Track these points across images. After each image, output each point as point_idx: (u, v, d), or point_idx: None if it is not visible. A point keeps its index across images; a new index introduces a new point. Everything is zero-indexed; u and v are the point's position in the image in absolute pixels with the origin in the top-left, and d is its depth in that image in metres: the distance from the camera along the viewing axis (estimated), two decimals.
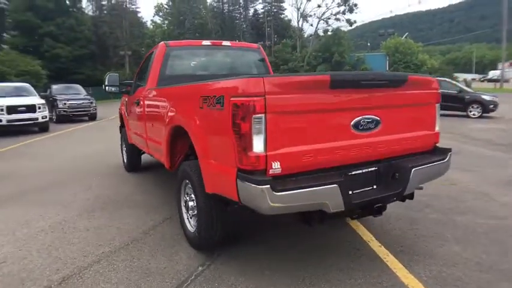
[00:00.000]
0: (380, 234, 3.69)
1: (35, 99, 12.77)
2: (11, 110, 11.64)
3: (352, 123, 2.58)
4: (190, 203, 3.33)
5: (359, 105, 2.60)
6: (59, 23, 42.52)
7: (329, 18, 45.21)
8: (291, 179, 2.40)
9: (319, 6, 45.65)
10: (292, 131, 2.37)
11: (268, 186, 2.21)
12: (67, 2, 45.83)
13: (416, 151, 3.08)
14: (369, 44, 60.42)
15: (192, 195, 3.24)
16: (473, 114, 14.60)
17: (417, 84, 2.97)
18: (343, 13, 44.34)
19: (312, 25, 48.19)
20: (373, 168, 2.79)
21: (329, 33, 43.89)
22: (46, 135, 12.11)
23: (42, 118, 12.51)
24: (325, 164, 2.54)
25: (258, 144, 2.27)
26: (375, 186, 2.81)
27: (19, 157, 8.40)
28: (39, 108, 12.39)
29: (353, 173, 2.68)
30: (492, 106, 14.56)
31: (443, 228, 3.79)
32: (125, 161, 6.71)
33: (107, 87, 5.54)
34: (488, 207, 4.40)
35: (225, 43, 5.18)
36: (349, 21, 44.35)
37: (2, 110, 11.51)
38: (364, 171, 2.74)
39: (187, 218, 3.46)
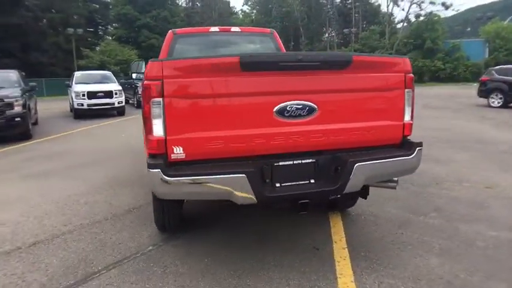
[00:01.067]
0: (355, 234, 3.36)
1: (113, 86, 14.20)
2: (91, 95, 13.13)
3: (275, 109, 2.36)
4: None
5: (284, 89, 2.37)
6: (155, 15, 46.28)
7: (422, 2, 41.18)
8: (196, 165, 2.32)
9: None
10: (198, 116, 2.28)
11: (159, 170, 2.17)
12: None
13: (376, 144, 2.69)
14: (468, 29, 53.62)
15: None
16: None
17: (370, 67, 2.56)
18: None
19: (403, 9, 44.49)
20: (309, 160, 2.54)
21: (421, 18, 40.00)
22: (119, 119, 13.41)
23: (118, 103, 13.88)
24: (244, 152, 2.39)
25: (158, 128, 2.25)
26: (312, 181, 2.55)
27: (81, 137, 9.48)
28: (116, 94, 13.76)
29: (280, 163, 2.47)
30: None
31: (435, 237, 3.28)
32: None
33: (133, 74, 5.91)
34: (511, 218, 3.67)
35: (234, 29, 5.12)
36: (444, 5, 39.80)
37: (83, 95, 13.07)
38: (295, 162, 2.50)
39: None
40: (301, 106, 2.40)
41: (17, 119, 8.41)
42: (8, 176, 5.60)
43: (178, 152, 2.27)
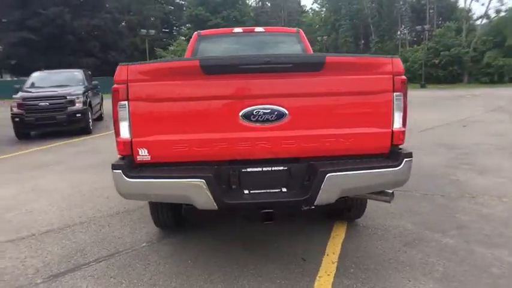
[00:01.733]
0: (353, 248, 3.13)
1: None
2: None
3: (241, 113, 2.28)
4: None
5: (251, 93, 2.28)
6: (225, 15, 47.84)
7: None
8: (160, 168, 2.34)
9: None
10: (162, 119, 2.30)
11: (120, 171, 2.23)
12: None
13: (359, 153, 2.46)
14: None
15: None
16: None
17: (348, 68, 2.35)
18: None
19: (483, 4, 40.22)
20: (280, 168, 2.42)
21: (502, 13, 35.87)
22: None
23: None
24: (209, 157, 2.35)
25: (124, 131, 2.31)
26: (284, 189, 2.43)
27: None
28: None
29: (248, 170, 2.39)
30: None
31: (443, 259, 2.92)
32: None
33: None
34: None
35: (258, 29, 5.06)
36: None
37: None
38: (264, 169, 2.40)
39: None
40: (269, 110, 2.29)
41: (77, 115, 9.27)
42: (54, 168, 6.21)
43: (143, 154, 2.31)
